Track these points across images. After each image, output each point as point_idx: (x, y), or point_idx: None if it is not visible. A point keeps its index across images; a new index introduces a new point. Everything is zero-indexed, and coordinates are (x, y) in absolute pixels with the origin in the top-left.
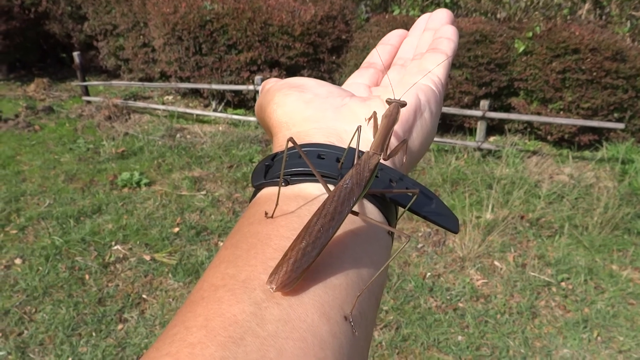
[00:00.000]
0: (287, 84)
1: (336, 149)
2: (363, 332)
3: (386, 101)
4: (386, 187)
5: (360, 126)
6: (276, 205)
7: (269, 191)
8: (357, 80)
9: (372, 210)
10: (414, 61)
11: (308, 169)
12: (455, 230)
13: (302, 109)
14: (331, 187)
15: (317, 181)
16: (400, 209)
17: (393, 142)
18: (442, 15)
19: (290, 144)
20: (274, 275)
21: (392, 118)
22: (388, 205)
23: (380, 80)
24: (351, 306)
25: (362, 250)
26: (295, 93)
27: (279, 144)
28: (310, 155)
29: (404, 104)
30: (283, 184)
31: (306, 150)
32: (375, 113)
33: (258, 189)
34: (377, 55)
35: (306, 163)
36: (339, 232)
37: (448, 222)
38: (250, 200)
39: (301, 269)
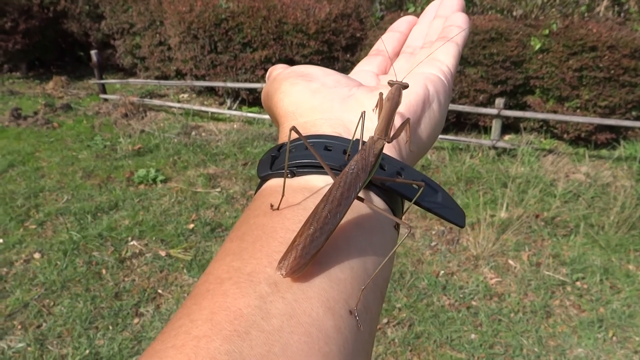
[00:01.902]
0: (294, 73)
1: (343, 140)
2: (368, 326)
3: (388, 83)
4: (395, 182)
5: (365, 112)
6: (282, 196)
7: (274, 182)
8: (365, 68)
9: (378, 203)
10: (423, 50)
11: (314, 160)
12: (461, 224)
13: (309, 99)
14: None
15: (323, 173)
16: (407, 202)
17: (397, 124)
18: (452, 2)
19: (295, 135)
20: (284, 262)
21: (394, 101)
22: (394, 199)
23: (388, 67)
24: (356, 300)
25: (368, 244)
26: (302, 82)
27: (285, 134)
28: (317, 146)
29: (406, 86)
30: (289, 175)
31: (313, 142)
32: (381, 95)
33: (264, 180)
34: (386, 42)
35: (312, 154)
36: (345, 224)
37: (454, 215)
38: (256, 191)
39: (310, 254)
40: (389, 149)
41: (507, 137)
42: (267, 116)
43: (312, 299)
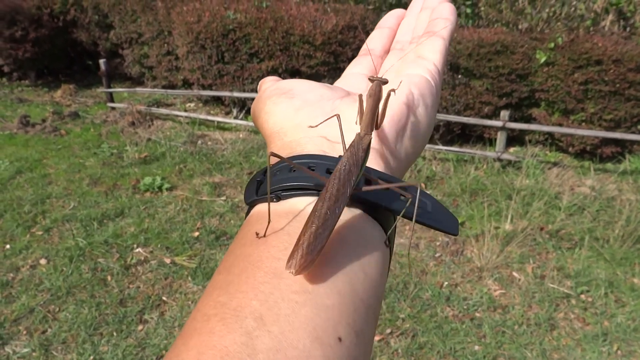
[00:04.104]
0: (277, 90)
1: (327, 159)
2: (361, 351)
3: (368, 79)
4: (382, 195)
5: (339, 115)
6: (268, 223)
7: (260, 209)
8: (354, 70)
9: (366, 220)
10: (412, 45)
11: (300, 182)
12: (454, 233)
13: (292, 117)
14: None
15: (309, 195)
16: (398, 217)
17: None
18: None
19: (276, 159)
20: (292, 260)
21: (376, 97)
22: (385, 214)
23: (379, 67)
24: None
25: (357, 265)
26: (285, 100)
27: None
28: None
29: (385, 81)
30: (274, 200)
31: (296, 163)
32: (360, 96)
33: (251, 205)
34: (375, 40)
35: (297, 177)
36: (332, 245)
37: (446, 224)
38: (245, 216)
39: (316, 250)
40: (376, 162)
41: (512, 150)
42: None
43: (299, 330)
